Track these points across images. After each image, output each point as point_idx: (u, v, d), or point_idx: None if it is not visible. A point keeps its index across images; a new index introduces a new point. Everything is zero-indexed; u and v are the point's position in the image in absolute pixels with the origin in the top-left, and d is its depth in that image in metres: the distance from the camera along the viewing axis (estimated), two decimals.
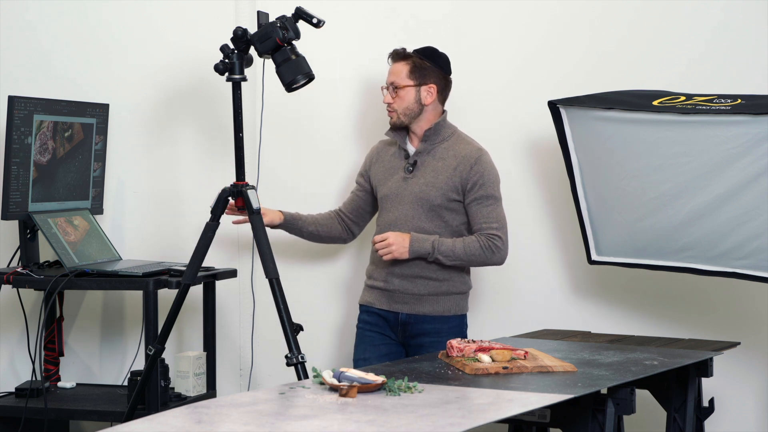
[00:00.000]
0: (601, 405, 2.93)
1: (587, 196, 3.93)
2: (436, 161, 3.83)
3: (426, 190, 3.80)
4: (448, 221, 3.82)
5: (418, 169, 3.84)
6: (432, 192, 3.80)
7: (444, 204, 3.80)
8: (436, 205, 3.79)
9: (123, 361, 4.55)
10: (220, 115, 4.35)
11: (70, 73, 4.56)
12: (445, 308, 3.84)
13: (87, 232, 4.24)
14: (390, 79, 3.85)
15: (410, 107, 3.83)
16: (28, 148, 4.07)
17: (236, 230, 4.35)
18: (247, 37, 3.66)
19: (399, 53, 3.86)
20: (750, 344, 3.96)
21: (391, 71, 3.85)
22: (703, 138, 3.57)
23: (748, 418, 4.08)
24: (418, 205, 3.80)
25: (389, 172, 3.90)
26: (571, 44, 4.19)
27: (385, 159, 3.94)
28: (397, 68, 3.84)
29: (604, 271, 4.11)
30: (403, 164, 3.88)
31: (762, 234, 3.54)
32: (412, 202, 3.81)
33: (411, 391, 2.74)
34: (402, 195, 3.83)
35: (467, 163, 3.81)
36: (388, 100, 3.84)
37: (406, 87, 3.82)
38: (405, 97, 3.83)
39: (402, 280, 3.82)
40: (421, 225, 3.80)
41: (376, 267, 3.90)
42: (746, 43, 4.01)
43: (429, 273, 3.81)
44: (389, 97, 3.84)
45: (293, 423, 2.47)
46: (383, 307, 3.87)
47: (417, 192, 3.81)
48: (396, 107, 3.84)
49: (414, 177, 3.83)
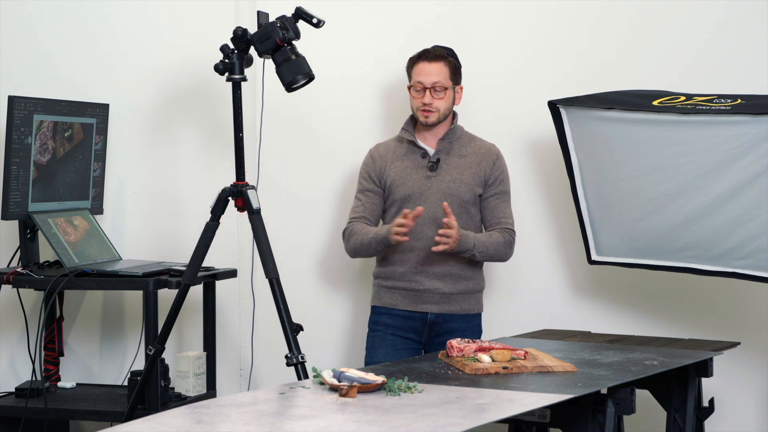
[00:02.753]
0: (601, 405, 2.93)
1: (587, 196, 3.93)
2: (458, 158, 3.88)
3: (454, 186, 3.84)
4: (473, 216, 3.88)
5: (441, 167, 3.87)
6: (461, 188, 3.85)
7: (471, 199, 3.86)
8: (465, 201, 3.85)
9: (123, 361, 4.55)
10: (220, 115, 4.35)
11: (70, 73, 4.56)
12: (471, 306, 3.89)
13: (87, 232, 4.24)
14: (432, 79, 3.82)
15: (449, 108, 3.89)
16: (28, 148, 4.07)
17: (236, 230, 4.35)
18: (247, 37, 3.66)
19: (439, 54, 3.87)
20: (750, 344, 3.96)
21: (430, 71, 3.83)
22: (703, 138, 3.57)
23: (748, 418, 4.08)
24: (446, 202, 3.78)
25: (407, 171, 3.89)
26: (572, 44, 4.20)
27: (399, 159, 3.92)
28: (439, 68, 3.84)
29: (604, 271, 4.11)
30: (422, 163, 3.88)
31: (762, 234, 3.54)
32: (439, 200, 3.81)
33: (411, 391, 2.74)
34: (427, 193, 3.84)
35: (490, 159, 3.90)
36: (429, 100, 3.82)
37: (449, 88, 3.85)
38: (447, 97, 3.86)
39: (432, 279, 3.83)
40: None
41: (396, 267, 3.87)
42: (747, 44, 4.01)
43: (458, 271, 3.84)
44: (429, 97, 3.82)
45: (293, 423, 2.47)
46: (408, 308, 3.86)
47: (444, 189, 3.84)
48: (439, 107, 3.84)
49: (438, 175, 3.85)
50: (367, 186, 3.95)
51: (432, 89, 3.83)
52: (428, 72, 3.84)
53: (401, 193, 3.87)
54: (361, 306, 4.35)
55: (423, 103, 3.84)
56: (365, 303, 4.19)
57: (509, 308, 4.26)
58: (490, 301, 4.21)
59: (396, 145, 3.96)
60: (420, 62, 3.86)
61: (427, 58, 3.86)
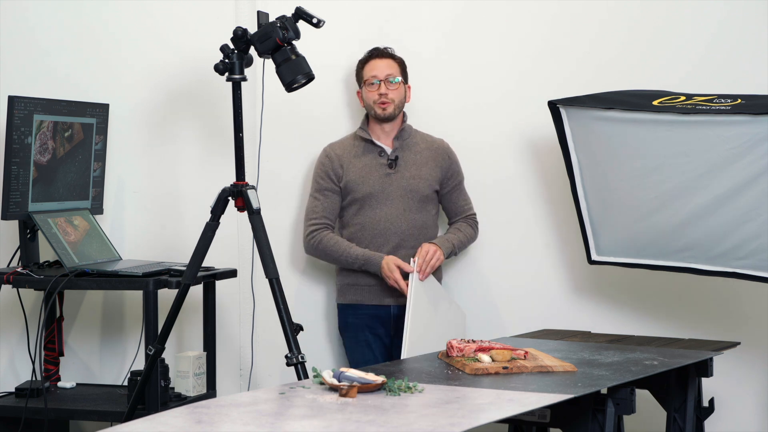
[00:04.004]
0: (601, 405, 2.93)
1: (587, 196, 3.93)
2: (414, 155, 4.05)
3: (414, 182, 4.01)
4: (430, 211, 4.05)
5: (399, 164, 4.02)
6: (420, 183, 4.02)
7: (430, 194, 4.03)
8: (424, 196, 4.02)
9: (123, 361, 4.55)
10: (220, 115, 4.34)
11: (70, 73, 4.55)
12: None
13: (87, 232, 4.24)
14: (386, 72, 4.03)
15: (402, 102, 4.07)
16: (28, 148, 4.07)
17: (236, 230, 4.35)
18: (247, 37, 3.66)
19: (388, 52, 4.08)
20: (750, 344, 3.96)
21: (381, 66, 4.03)
22: (703, 138, 3.57)
23: (748, 418, 4.08)
24: (408, 198, 4.00)
25: (366, 170, 4.03)
26: (573, 45, 4.20)
27: (357, 158, 4.06)
28: (389, 64, 4.05)
29: (604, 271, 4.11)
30: (380, 161, 4.03)
31: (762, 234, 3.54)
32: (401, 196, 3.99)
33: (411, 391, 2.74)
34: (388, 191, 4.00)
35: (444, 154, 4.10)
36: (384, 91, 4.00)
37: (400, 83, 4.04)
38: (399, 90, 4.04)
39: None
40: (413, 217, 4.01)
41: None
42: (748, 44, 4.01)
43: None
44: (385, 88, 4.00)
45: (293, 423, 2.47)
46: (374, 302, 4.01)
47: (405, 185, 4.00)
48: (394, 98, 4.02)
49: (398, 172, 4.01)
50: (324, 185, 4.08)
51: (386, 81, 4.01)
52: (380, 66, 4.04)
53: (362, 191, 4.02)
54: None
55: (379, 94, 4.01)
56: None
57: (509, 308, 4.26)
58: (489, 301, 4.22)
59: (352, 144, 4.10)
60: (371, 60, 4.07)
61: (378, 56, 4.07)
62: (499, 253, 4.29)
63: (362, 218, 4.03)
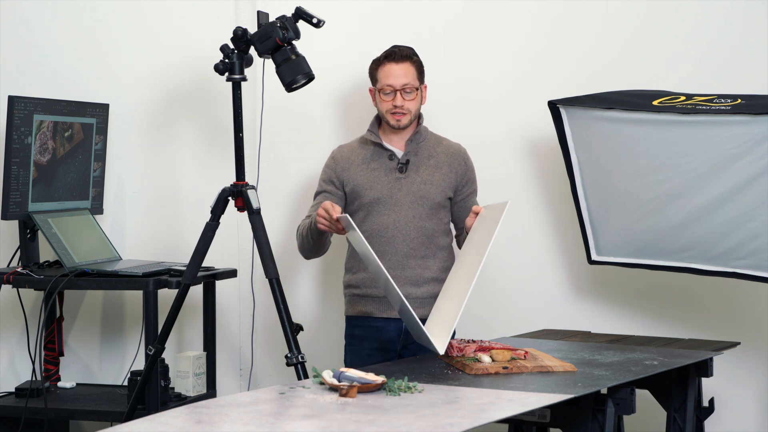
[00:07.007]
0: (601, 405, 2.93)
1: (587, 196, 3.93)
2: (428, 160, 3.77)
3: (425, 188, 3.73)
4: (442, 218, 3.77)
5: (410, 168, 3.75)
6: (432, 190, 3.73)
7: (442, 201, 3.75)
8: (436, 203, 3.74)
9: (123, 361, 4.55)
10: (220, 115, 4.35)
11: (70, 73, 4.56)
12: None
13: (87, 232, 4.24)
14: (402, 80, 3.70)
15: (419, 108, 3.78)
16: (28, 148, 4.07)
17: (236, 230, 4.35)
18: (247, 37, 3.66)
19: (405, 54, 3.74)
20: (750, 344, 3.96)
21: (398, 73, 3.71)
22: (703, 138, 3.57)
23: (748, 418, 4.08)
24: (418, 204, 3.72)
25: (375, 174, 3.75)
26: (573, 45, 4.20)
27: (365, 162, 3.78)
28: (406, 69, 3.72)
29: (604, 271, 4.11)
30: (390, 165, 3.75)
31: (762, 234, 3.54)
32: (411, 202, 3.72)
33: (411, 391, 2.74)
34: (396, 197, 3.73)
35: (460, 161, 3.80)
36: (401, 103, 3.70)
37: (418, 88, 3.74)
38: (417, 98, 3.75)
39: (405, 284, 3.69)
40: (423, 224, 3.73)
41: (367, 274, 3.73)
42: (748, 45, 4.01)
43: (431, 275, 3.74)
44: (401, 99, 3.70)
45: (293, 423, 2.47)
46: (383, 315, 3.74)
47: (415, 191, 3.73)
48: (410, 108, 3.72)
49: (408, 177, 3.74)
50: (325, 188, 3.80)
51: (402, 91, 3.70)
52: (396, 74, 3.71)
53: (370, 196, 3.73)
54: None
55: (394, 105, 3.70)
56: None
57: (509, 308, 4.26)
58: (489, 301, 4.22)
59: (360, 148, 3.82)
60: (387, 63, 3.73)
61: (394, 59, 3.73)
62: (499, 253, 4.29)
63: (369, 225, 3.74)
